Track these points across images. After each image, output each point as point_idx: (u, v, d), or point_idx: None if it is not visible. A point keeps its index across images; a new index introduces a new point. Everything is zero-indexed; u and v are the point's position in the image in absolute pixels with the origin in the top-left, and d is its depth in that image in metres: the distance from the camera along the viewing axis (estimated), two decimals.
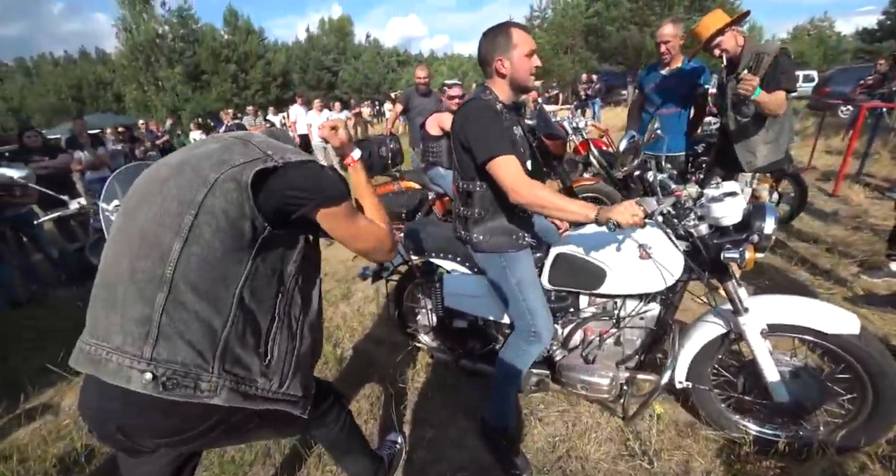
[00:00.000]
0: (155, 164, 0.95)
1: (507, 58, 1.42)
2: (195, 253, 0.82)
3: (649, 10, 22.78)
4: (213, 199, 0.82)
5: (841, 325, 1.39)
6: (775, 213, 1.34)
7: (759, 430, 1.66)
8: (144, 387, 0.78)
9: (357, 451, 1.43)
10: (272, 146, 0.92)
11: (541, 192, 1.32)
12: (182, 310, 0.81)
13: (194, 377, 0.81)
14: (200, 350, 0.82)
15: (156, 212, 0.83)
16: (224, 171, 0.84)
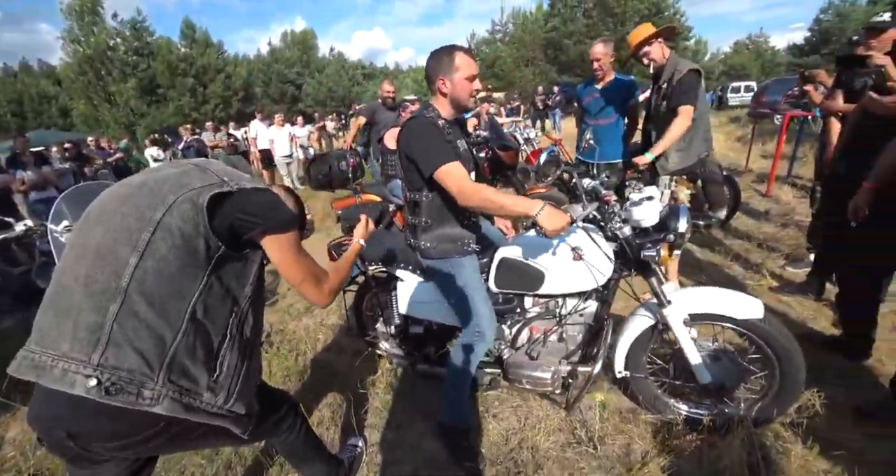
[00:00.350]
0: (117, 184, 1.00)
1: (448, 79, 1.53)
2: (150, 267, 0.87)
3: (603, 26, 24.04)
4: (170, 218, 0.89)
5: (747, 311, 1.58)
6: (688, 214, 1.52)
7: (688, 411, 1.83)
8: (87, 391, 0.81)
9: (314, 457, 1.47)
10: (228, 173, 1.01)
11: (486, 192, 1.40)
12: (134, 319, 0.85)
13: (138, 384, 0.84)
14: (148, 359, 0.85)
15: (115, 227, 0.89)
16: (182, 194, 0.91)
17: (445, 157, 1.46)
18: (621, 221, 1.54)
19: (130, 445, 0.92)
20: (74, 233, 0.95)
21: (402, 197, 1.77)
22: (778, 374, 1.65)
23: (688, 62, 2.46)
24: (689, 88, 2.40)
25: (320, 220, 6.00)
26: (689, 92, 2.39)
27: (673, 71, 2.45)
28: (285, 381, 2.37)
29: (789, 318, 2.57)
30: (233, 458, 1.87)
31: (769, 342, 1.61)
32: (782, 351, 1.60)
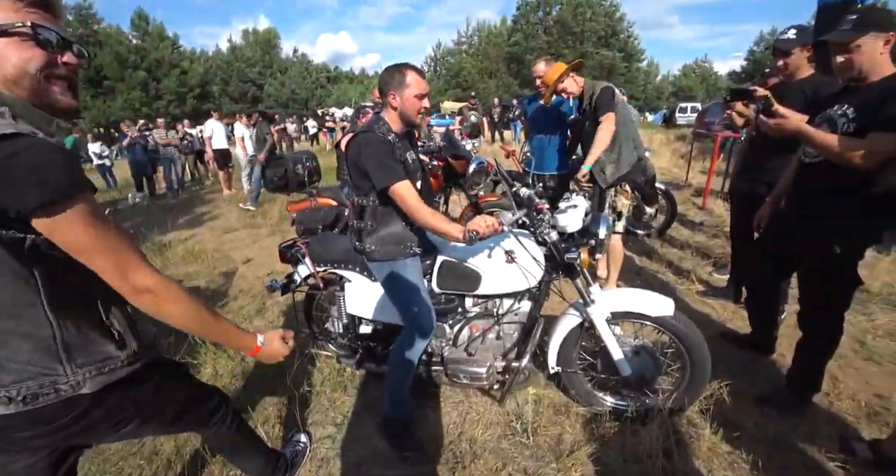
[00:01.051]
0: None
1: (399, 94, 1.63)
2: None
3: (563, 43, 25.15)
4: None
5: (660, 308, 1.76)
6: (607, 222, 1.70)
7: (614, 403, 2.00)
8: (7, 408, 0.84)
9: (249, 450, 1.50)
10: None
11: (428, 216, 1.56)
12: (4, 340, 0.83)
13: (51, 384, 0.86)
14: (42, 364, 0.85)
15: None
16: None
17: (396, 175, 1.57)
18: (549, 227, 1.69)
19: (58, 434, 0.93)
20: None
21: (349, 202, 1.84)
22: (689, 365, 1.84)
23: (600, 82, 2.78)
24: (606, 100, 2.70)
25: (276, 222, 5.94)
26: (606, 103, 2.69)
27: (591, 92, 2.76)
28: (232, 382, 2.36)
29: (710, 318, 2.85)
30: (173, 456, 1.86)
31: (679, 337, 1.80)
32: (691, 345, 1.80)
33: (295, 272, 2.24)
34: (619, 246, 3.05)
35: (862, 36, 1.55)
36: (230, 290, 3.79)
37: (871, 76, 1.61)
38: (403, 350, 1.77)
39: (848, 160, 1.57)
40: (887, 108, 1.52)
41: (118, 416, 1.01)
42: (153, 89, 27.76)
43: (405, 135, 1.79)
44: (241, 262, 4.50)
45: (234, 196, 8.22)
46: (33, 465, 0.99)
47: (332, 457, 1.85)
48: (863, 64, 1.59)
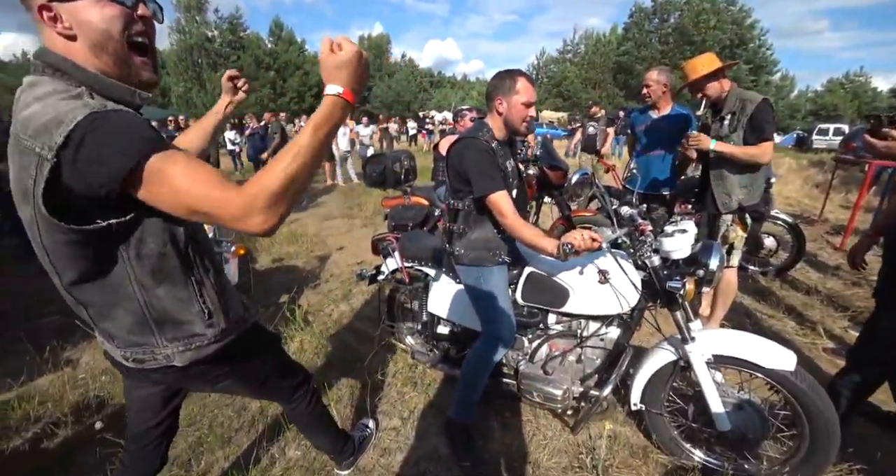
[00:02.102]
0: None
1: (506, 100, 1.62)
2: (69, 278, 0.87)
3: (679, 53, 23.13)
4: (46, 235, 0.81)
5: (777, 361, 1.51)
6: (720, 252, 1.50)
7: (705, 459, 1.76)
8: (126, 362, 1.01)
9: (321, 427, 1.59)
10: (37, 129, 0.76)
11: (524, 229, 1.53)
12: (103, 315, 0.94)
13: (151, 354, 0.99)
14: (139, 336, 0.97)
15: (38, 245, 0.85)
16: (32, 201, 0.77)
17: (496, 185, 1.56)
18: (651, 251, 1.55)
19: (172, 381, 1.13)
20: None
21: (444, 204, 1.87)
22: (807, 435, 1.55)
23: (754, 94, 2.34)
24: (766, 122, 2.27)
25: (370, 215, 6.32)
26: (766, 125, 2.27)
27: (739, 101, 2.34)
28: (314, 358, 2.54)
29: None
30: (258, 415, 2.07)
31: (799, 399, 1.52)
32: (814, 411, 1.51)
33: (384, 264, 2.34)
34: (733, 281, 2.67)
35: None
36: (322, 273, 4.11)
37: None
38: (479, 357, 1.75)
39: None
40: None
41: (214, 375, 1.15)
42: (279, 87, 31.39)
43: (507, 142, 1.77)
44: (335, 248, 4.86)
45: (334, 187, 8.96)
46: (152, 395, 1.19)
47: (394, 449, 1.89)
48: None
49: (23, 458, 1.84)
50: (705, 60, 2.39)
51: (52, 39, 0.81)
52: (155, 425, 1.21)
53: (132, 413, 1.21)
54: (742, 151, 2.33)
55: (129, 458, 1.25)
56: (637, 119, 3.10)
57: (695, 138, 2.38)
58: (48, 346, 2.58)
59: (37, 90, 0.78)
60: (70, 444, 1.92)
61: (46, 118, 0.73)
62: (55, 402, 2.17)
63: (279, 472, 1.76)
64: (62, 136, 0.71)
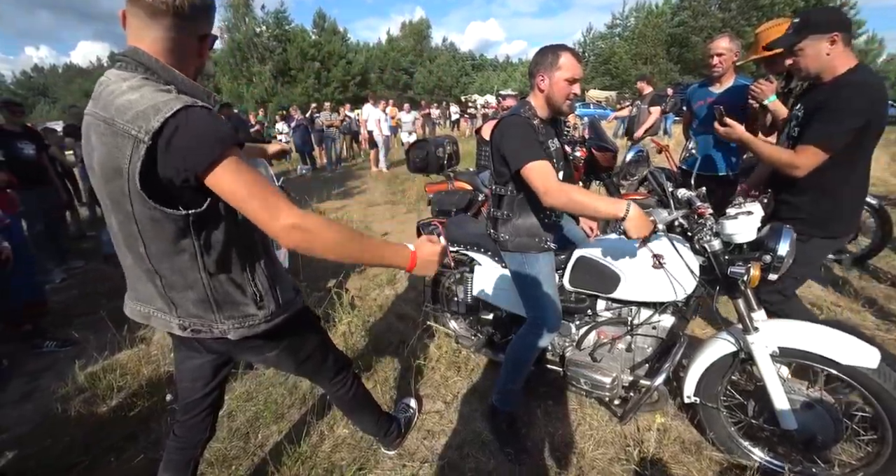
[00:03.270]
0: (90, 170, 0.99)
1: (548, 76, 1.54)
2: (154, 249, 0.97)
3: (744, 21, 21.07)
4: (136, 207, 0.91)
5: (857, 357, 1.36)
6: (791, 236, 1.36)
7: (766, 459, 1.64)
8: (182, 333, 1.08)
9: (363, 411, 1.64)
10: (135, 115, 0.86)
11: (573, 193, 1.39)
12: (174, 287, 1.04)
13: (208, 327, 1.08)
14: (201, 311, 1.06)
15: (118, 221, 0.98)
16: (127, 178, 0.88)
17: (534, 154, 1.48)
18: (712, 234, 1.43)
19: (221, 351, 1.21)
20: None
21: (488, 189, 1.83)
22: (890, 441, 1.40)
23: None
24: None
25: (414, 201, 6.38)
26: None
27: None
28: (360, 341, 2.63)
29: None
30: (308, 393, 2.18)
31: (882, 400, 1.37)
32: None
33: None
34: None
35: (802, 40, 1.61)
36: None
37: (823, 76, 1.64)
38: (523, 343, 1.72)
39: (782, 169, 1.68)
40: (815, 118, 1.60)
41: (262, 348, 1.22)
42: (324, 78, 32.13)
43: (551, 122, 1.70)
44: (380, 234, 4.96)
45: (379, 173, 9.12)
46: (203, 366, 1.27)
47: (437, 432, 1.92)
48: (808, 66, 1.64)
49: (112, 424, 2.05)
50: (782, 31, 2.04)
51: (144, 41, 0.91)
52: (204, 396, 1.30)
53: (184, 384, 1.29)
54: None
55: (181, 428, 1.33)
56: (695, 94, 2.85)
57: (758, 85, 2.14)
58: (126, 325, 2.85)
59: (130, 82, 0.88)
60: (147, 413, 2.12)
61: (144, 106, 0.83)
62: (133, 376, 2.40)
63: (328, 449, 1.85)
64: (159, 122, 0.82)
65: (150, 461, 1.79)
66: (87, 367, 2.51)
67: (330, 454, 1.82)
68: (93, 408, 2.17)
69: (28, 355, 2.75)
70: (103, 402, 2.22)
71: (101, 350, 2.65)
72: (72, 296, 3.66)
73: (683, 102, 3.11)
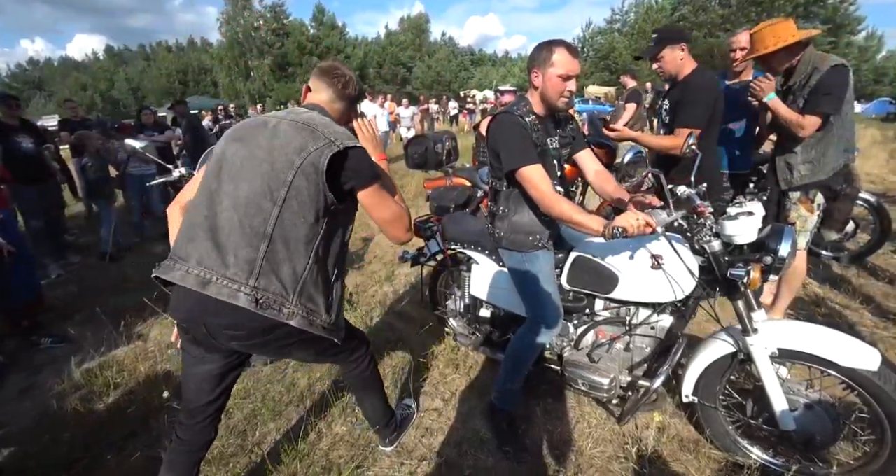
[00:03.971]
0: (241, 140, 1.20)
1: (541, 72, 1.53)
2: (287, 217, 1.12)
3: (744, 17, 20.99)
4: (298, 179, 1.13)
5: (857, 359, 1.36)
6: (793, 237, 1.35)
7: (764, 459, 1.64)
8: (248, 304, 1.08)
9: (373, 393, 1.68)
10: (331, 130, 1.20)
11: (561, 205, 1.45)
12: (276, 256, 1.12)
13: (279, 304, 1.12)
14: (286, 286, 1.13)
15: (258, 184, 1.13)
16: (305, 158, 1.13)
17: (526, 158, 1.49)
18: (711, 234, 1.42)
19: (251, 344, 1.19)
20: (216, 181, 1.16)
21: (487, 184, 1.83)
22: (888, 442, 1.40)
23: (831, 57, 2.03)
24: (833, 91, 1.98)
25: (412, 197, 6.35)
26: (832, 96, 1.99)
27: (810, 68, 2.05)
28: None
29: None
30: (306, 391, 2.18)
31: (881, 401, 1.37)
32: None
33: (426, 247, 2.34)
34: (801, 267, 2.42)
35: (661, 50, 2.18)
36: (366, 254, 4.20)
37: (679, 76, 2.21)
38: (522, 342, 1.72)
39: (667, 152, 2.20)
40: (680, 109, 2.16)
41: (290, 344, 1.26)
42: None
43: (550, 118, 1.68)
44: (378, 230, 4.94)
45: None
46: (212, 370, 1.26)
47: (436, 429, 1.92)
48: (669, 69, 2.21)
49: (110, 421, 2.05)
50: (779, 32, 2.05)
51: (326, 104, 1.35)
52: (212, 400, 1.30)
53: (191, 387, 1.29)
54: (785, 113, 2.10)
55: (185, 432, 1.32)
56: None
57: (757, 82, 2.15)
58: (123, 321, 2.84)
59: (318, 114, 1.27)
60: (144, 410, 2.11)
61: (341, 130, 1.23)
62: (130, 373, 2.40)
63: (326, 446, 1.85)
64: (351, 142, 1.19)
65: (149, 459, 1.79)
66: (83, 363, 2.51)
67: (328, 452, 1.82)
68: (90, 405, 2.17)
69: (25, 352, 2.74)
70: (100, 399, 2.21)
71: (97, 347, 2.64)
72: (69, 292, 3.65)
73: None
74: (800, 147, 2.18)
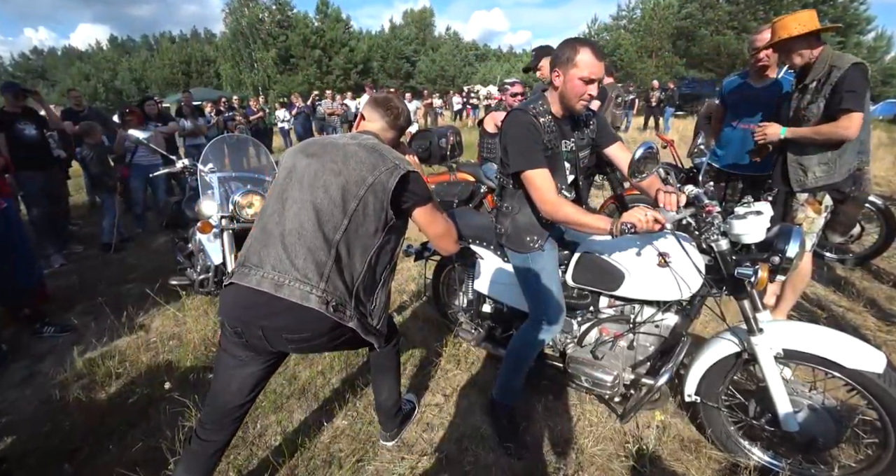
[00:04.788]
0: (318, 155, 1.30)
1: (563, 72, 1.47)
2: (353, 228, 1.23)
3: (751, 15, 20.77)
4: (368, 194, 1.24)
5: (862, 361, 1.35)
6: (801, 238, 1.34)
7: (764, 458, 1.64)
8: (318, 306, 1.17)
9: (390, 378, 1.71)
10: (395, 156, 1.33)
11: (565, 208, 1.46)
12: (341, 262, 1.22)
13: (343, 306, 1.22)
14: (348, 289, 1.23)
15: (332, 195, 1.23)
16: (376, 176, 1.25)
17: (532, 161, 1.47)
18: (719, 234, 1.41)
19: (312, 341, 1.26)
20: (287, 191, 1.27)
21: (496, 179, 1.81)
22: (892, 446, 1.39)
23: (848, 56, 2.01)
24: (857, 88, 1.94)
25: None
26: (857, 93, 1.94)
27: (827, 67, 2.02)
28: None
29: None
30: (307, 384, 2.18)
31: (885, 404, 1.36)
32: None
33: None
34: (805, 269, 2.40)
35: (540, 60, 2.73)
36: None
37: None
38: (525, 340, 1.71)
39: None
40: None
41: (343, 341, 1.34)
42: (325, 65, 31.75)
43: (568, 119, 1.62)
44: None
45: None
46: (254, 372, 1.32)
47: (437, 425, 1.92)
48: (546, 76, 2.18)
49: (110, 411, 2.05)
50: (803, 18, 2.04)
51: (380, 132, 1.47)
52: (245, 402, 1.35)
53: (231, 389, 1.31)
54: (816, 132, 2.05)
55: (208, 432, 1.34)
56: (730, 88, 2.73)
57: (760, 132, 2.16)
58: (125, 311, 2.84)
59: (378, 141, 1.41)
60: (146, 400, 2.11)
61: (402, 156, 1.37)
62: (131, 363, 2.40)
63: (327, 440, 1.85)
64: (411, 167, 1.32)
65: (150, 449, 1.80)
66: (85, 353, 2.51)
67: (329, 445, 1.82)
68: (91, 394, 2.17)
69: (27, 340, 2.75)
70: (102, 388, 2.22)
71: (99, 336, 2.65)
72: (71, 282, 3.65)
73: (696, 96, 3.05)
74: (817, 149, 2.12)
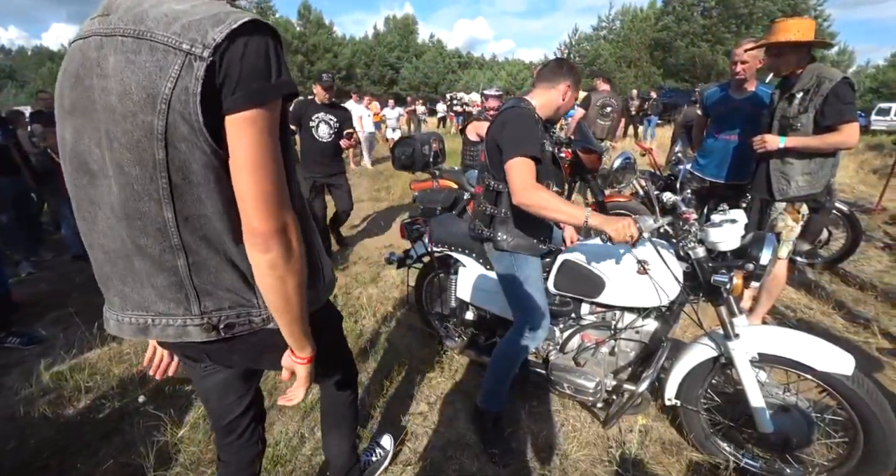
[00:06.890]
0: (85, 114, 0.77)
1: (571, 92, 1.63)
2: (190, 215, 0.75)
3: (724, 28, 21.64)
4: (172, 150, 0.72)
5: (832, 364, 1.40)
6: (773, 245, 1.39)
7: (741, 459, 1.68)
8: (207, 336, 0.83)
9: (345, 430, 1.41)
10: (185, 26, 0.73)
11: (542, 193, 1.43)
12: (206, 267, 0.79)
13: (245, 316, 0.85)
14: (240, 294, 0.83)
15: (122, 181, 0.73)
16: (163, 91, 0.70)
17: (531, 150, 1.48)
18: (696, 241, 1.45)
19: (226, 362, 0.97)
20: (74, 187, 0.80)
21: (478, 187, 1.81)
22: (861, 444, 1.44)
23: (835, 70, 2.10)
24: (852, 101, 2.04)
25: (398, 198, 6.32)
26: (853, 105, 2.04)
27: (814, 78, 2.09)
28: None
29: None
30: (274, 391, 2.13)
31: (854, 404, 1.41)
32: (870, 418, 1.40)
33: (413, 249, 2.32)
34: (783, 275, 2.49)
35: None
36: (351, 256, 4.15)
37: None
38: (509, 347, 1.71)
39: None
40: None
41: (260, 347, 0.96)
42: (307, 71, 31.55)
43: (543, 124, 1.70)
44: (363, 231, 4.89)
45: (363, 169, 9.04)
46: (227, 378, 1.06)
47: (420, 433, 1.91)
48: None
49: (80, 427, 1.96)
50: (803, 26, 2.10)
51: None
52: (243, 412, 1.11)
53: (213, 403, 1.10)
54: (822, 141, 2.11)
55: (226, 452, 1.15)
56: (711, 99, 2.81)
57: (759, 142, 2.21)
58: (97, 322, 2.73)
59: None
60: (118, 415, 2.03)
61: (199, 16, 0.67)
62: (103, 375, 2.30)
63: (308, 452, 1.81)
64: (222, 34, 0.65)
65: (122, 465, 1.73)
66: (53, 366, 2.40)
67: (310, 457, 1.78)
68: (59, 410, 2.07)
69: None
70: (70, 403, 2.12)
71: (69, 348, 2.54)
72: (40, 290, 3.50)
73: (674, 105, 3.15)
74: (803, 159, 2.19)
